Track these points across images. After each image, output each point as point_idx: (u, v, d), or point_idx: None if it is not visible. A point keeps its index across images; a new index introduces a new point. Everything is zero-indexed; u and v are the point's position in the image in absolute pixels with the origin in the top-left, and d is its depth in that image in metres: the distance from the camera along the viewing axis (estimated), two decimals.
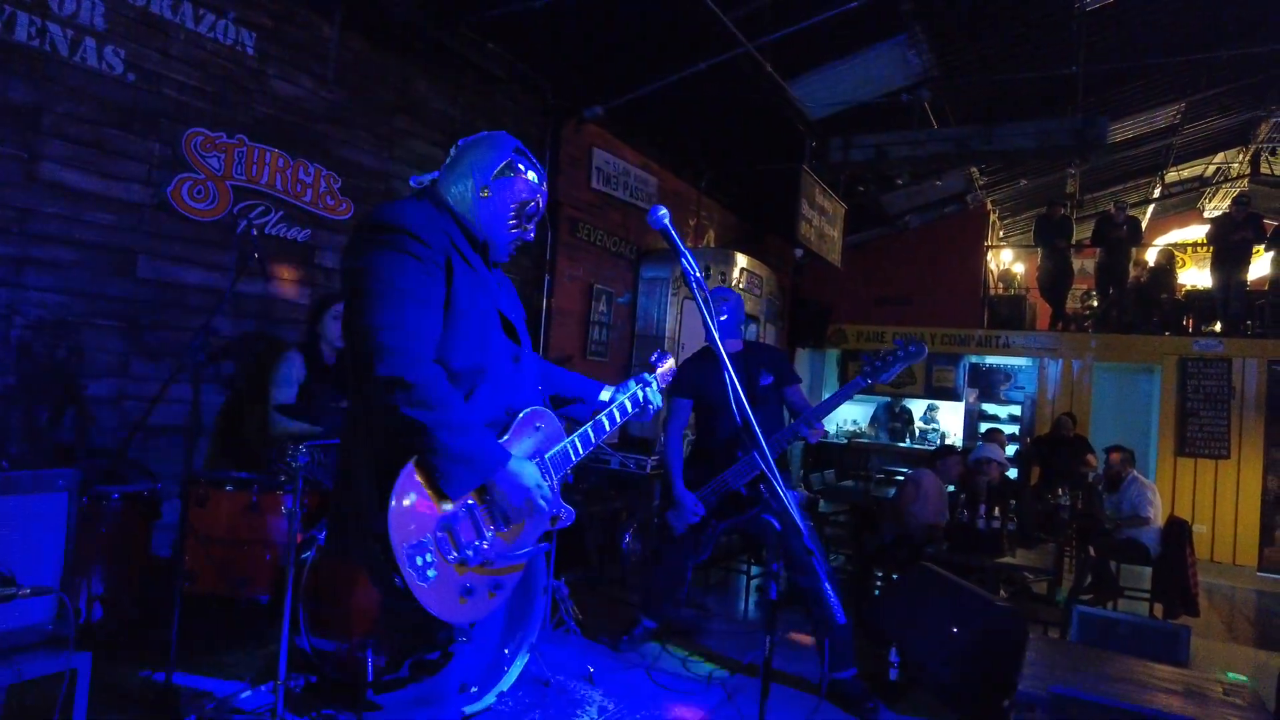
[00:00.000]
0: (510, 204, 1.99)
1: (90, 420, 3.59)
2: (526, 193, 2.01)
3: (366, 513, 1.75)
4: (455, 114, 5.46)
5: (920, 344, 3.45)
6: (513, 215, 2.01)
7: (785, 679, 3.90)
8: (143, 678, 2.96)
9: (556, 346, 6.44)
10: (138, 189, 3.68)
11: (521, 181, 2.00)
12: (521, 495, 1.86)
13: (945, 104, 7.26)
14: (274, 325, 4.32)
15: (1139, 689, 2.75)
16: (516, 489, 1.85)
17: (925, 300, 11.16)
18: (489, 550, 1.87)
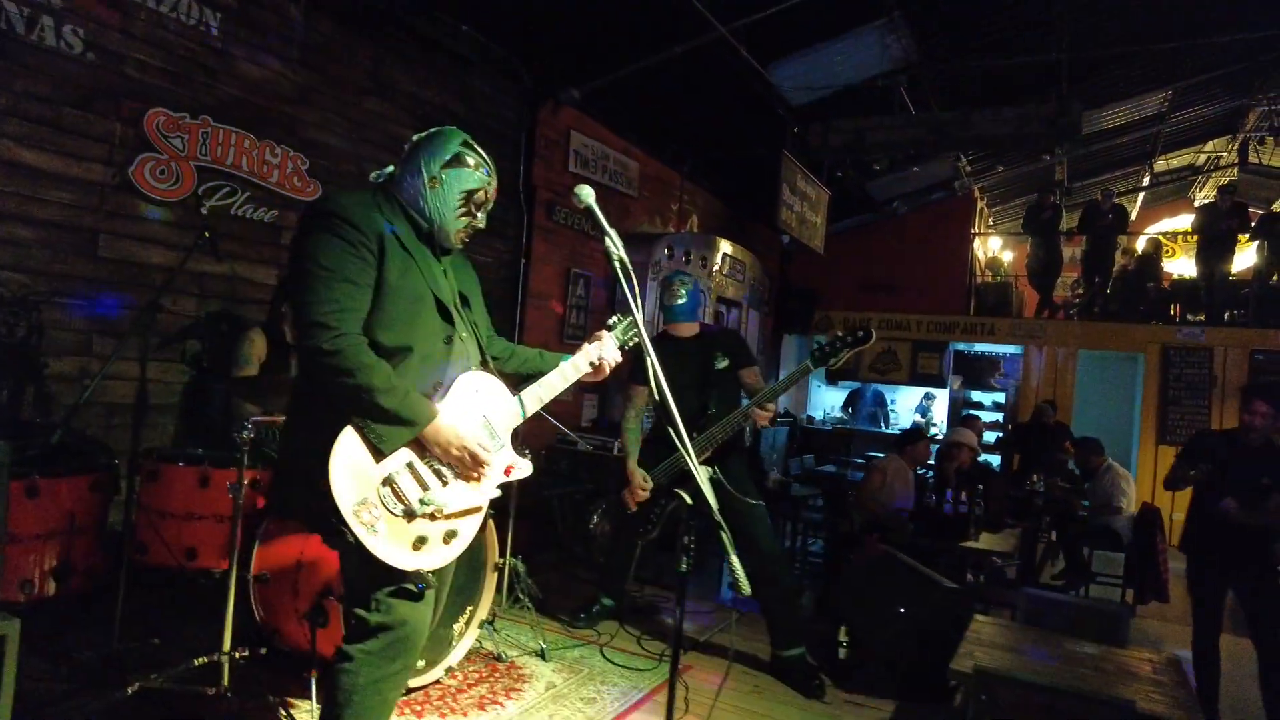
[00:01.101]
0: (458, 193, 2.14)
1: (51, 397, 3.63)
2: (474, 183, 2.16)
3: (312, 477, 1.89)
4: (428, 96, 5.47)
5: (868, 330, 3.48)
6: (461, 204, 2.15)
7: (738, 655, 3.97)
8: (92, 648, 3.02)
9: (533, 329, 6.48)
10: (99, 168, 3.71)
11: (469, 172, 2.15)
12: (454, 447, 2.02)
13: (927, 90, 7.25)
14: (240, 305, 4.36)
15: (1068, 666, 2.81)
16: (450, 442, 2.01)
17: (911, 287, 11.18)
18: (436, 500, 2.01)
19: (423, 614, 2.09)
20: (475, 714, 3.03)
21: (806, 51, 6.49)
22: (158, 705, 2.76)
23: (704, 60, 6.02)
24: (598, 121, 7.03)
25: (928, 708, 3.56)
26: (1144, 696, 2.55)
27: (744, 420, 3.66)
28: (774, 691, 3.60)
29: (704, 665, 3.81)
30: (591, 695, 3.34)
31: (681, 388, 3.90)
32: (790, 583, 3.80)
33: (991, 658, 2.80)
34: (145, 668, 2.87)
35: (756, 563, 3.81)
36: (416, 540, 1.99)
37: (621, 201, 7.54)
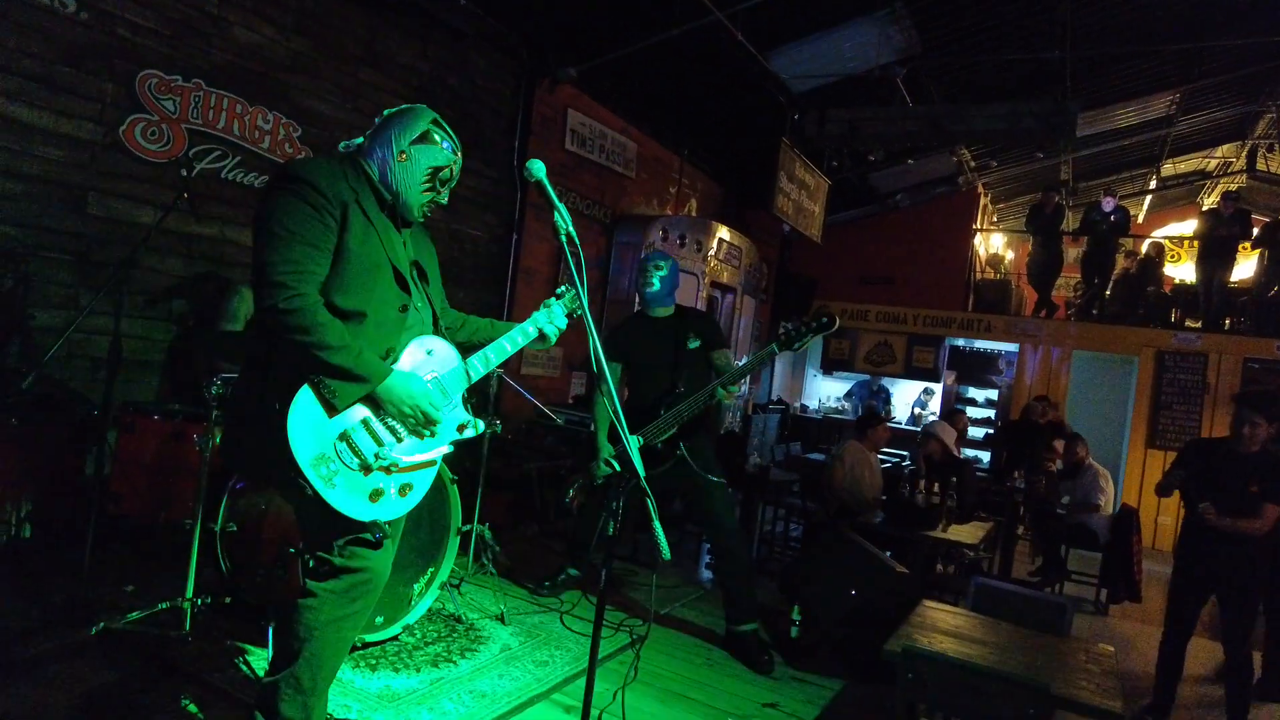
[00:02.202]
0: (425, 169, 2.22)
1: (37, 349, 3.74)
2: (440, 160, 2.24)
3: (269, 432, 1.98)
4: (424, 68, 5.53)
5: (831, 316, 3.53)
6: (426, 180, 2.23)
7: (694, 629, 4.07)
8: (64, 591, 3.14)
9: (523, 305, 6.55)
10: (89, 127, 3.79)
11: (436, 149, 2.23)
12: (407, 404, 2.11)
13: (928, 83, 7.25)
14: (227, 267, 4.45)
15: (1002, 652, 2.89)
16: (401, 399, 2.11)
17: (909, 280, 11.20)
18: (392, 455, 2.12)
19: (383, 560, 2.22)
20: (429, 670, 3.14)
21: (807, 39, 6.51)
22: (121, 645, 2.88)
23: (704, 43, 6.04)
24: (596, 100, 7.07)
25: (874, 688, 3.65)
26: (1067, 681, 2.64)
27: (710, 399, 3.74)
28: (725, 666, 3.69)
29: (661, 636, 3.91)
30: (544, 659, 3.44)
31: (653, 365, 3.99)
32: (747, 560, 3.88)
33: (928, 640, 2.89)
34: (114, 611, 2.99)
35: (714, 537, 3.92)
36: (373, 493, 2.10)
37: (618, 182, 7.58)
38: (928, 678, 2.61)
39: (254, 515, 3.11)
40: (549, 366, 6.91)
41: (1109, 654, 3.06)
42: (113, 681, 2.66)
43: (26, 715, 2.41)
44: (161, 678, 2.72)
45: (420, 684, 3.01)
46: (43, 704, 2.48)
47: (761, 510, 6.34)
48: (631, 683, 3.30)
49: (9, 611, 2.97)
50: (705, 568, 5.49)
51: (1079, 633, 3.77)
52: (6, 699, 2.47)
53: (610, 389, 2.05)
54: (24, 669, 2.65)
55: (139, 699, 2.57)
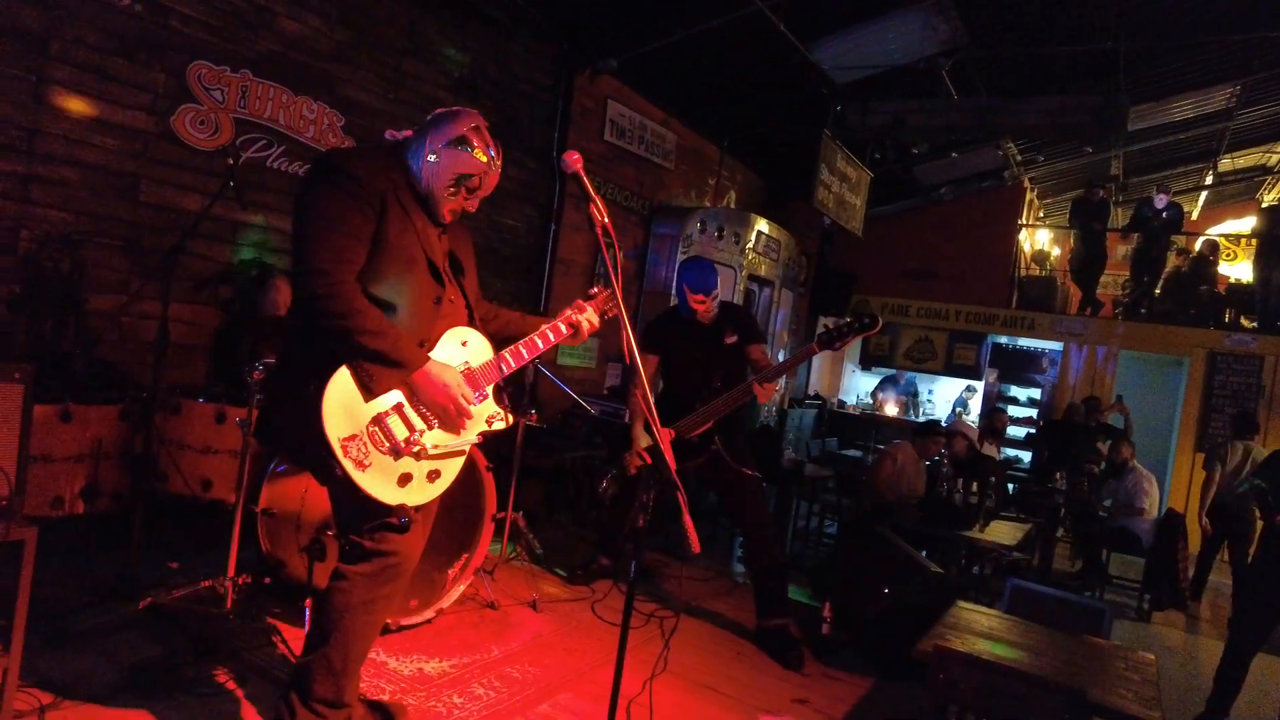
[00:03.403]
0: (450, 173, 2.22)
1: (90, 331, 3.86)
2: (467, 167, 2.23)
3: (305, 412, 2.02)
4: (465, 60, 5.56)
5: (874, 317, 3.49)
6: (451, 184, 2.23)
7: (724, 622, 4.07)
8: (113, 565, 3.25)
9: (559, 296, 6.58)
10: (142, 116, 3.89)
11: (466, 157, 2.22)
12: (442, 394, 2.14)
13: (974, 76, 7.09)
14: (271, 254, 4.54)
15: (1035, 655, 2.84)
16: (436, 388, 2.14)
17: (952, 276, 11.00)
18: (422, 441, 2.16)
19: (413, 545, 2.26)
20: (460, 654, 3.18)
21: (850, 29, 6.41)
22: (166, 620, 2.97)
23: (745, 34, 5.99)
24: (636, 91, 7.05)
25: (905, 687, 3.62)
26: (1105, 688, 2.58)
27: (747, 395, 3.72)
28: (755, 660, 3.69)
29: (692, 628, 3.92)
30: (575, 646, 3.47)
31: (690, 360, 3.98)
32: (780, 555, 3.87)
33: (962, 641, 2.85)
34: (159, 587, 3.09)
35: (747, 531, 3.91)
36: (401, 477, 2.13)
37: (657, 173, 7.57)
38: (960, 679, 2.58)
39: (293, 498, 3.18)
40: (584, 357, 6.94)
41: (1150, 662, 2.99)
42: (158, 655, 2.75)
43: (79, 684, 2.51)
44: (203, 653, 2.80)
45: (452, 668, 3.06)
46: (94, 674, 2.58)
47: (796, 506, 6.31)
48: (660, 674, 3.31)
49: (65, 584, 3.08)
50: (737, 561, 5.48)
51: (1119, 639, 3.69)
52: (62, 668, 2.57)
53: (643, 382, 2.06)
54: (78, 640, 2.76)
55: (183, 672, 2.65)
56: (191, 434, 3.38)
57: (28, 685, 2.40)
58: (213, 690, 2.61)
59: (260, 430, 2.30)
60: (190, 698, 2.54)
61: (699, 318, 3.88)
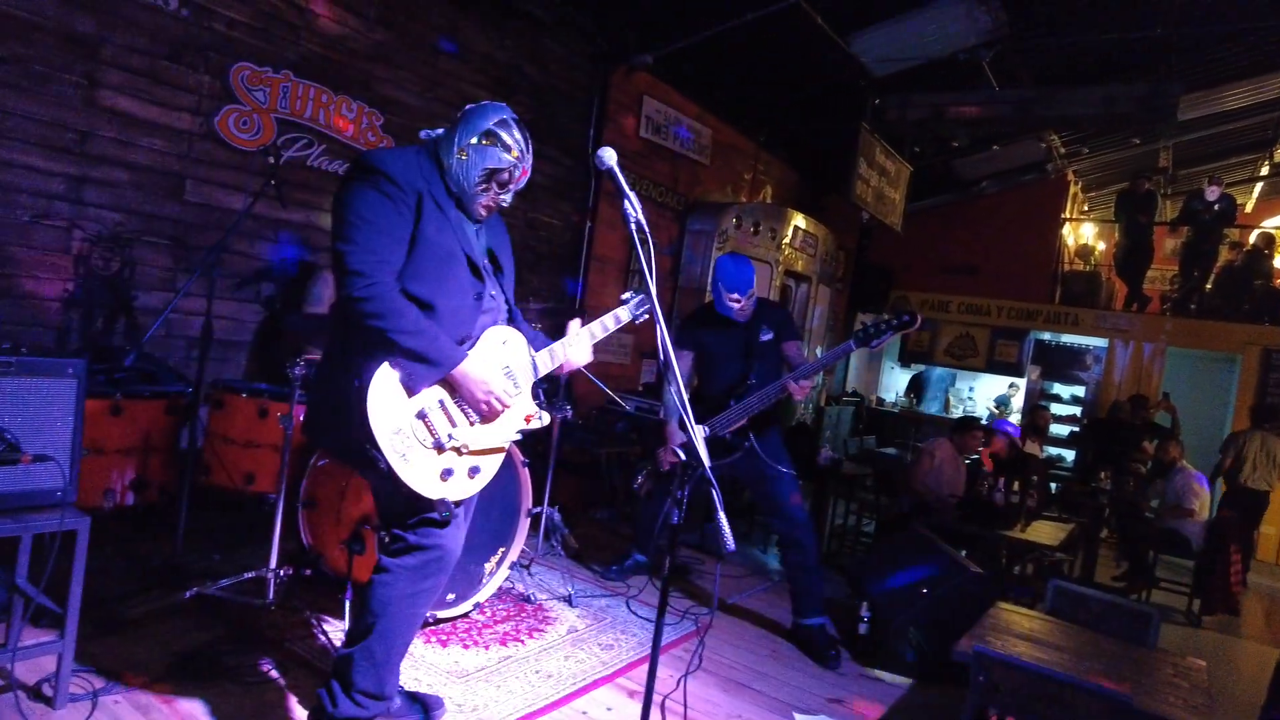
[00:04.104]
0: (480, 168, 2.22)
1: (139, 327, 3.96)
2: (497, 162, 2.22)
3: (349, 408, 2.06)
4: (501, 58, 5.59)
5: (913, 314, 3.44)
6: (481, 179, 2.22)
7: (760, 621, 4.05)
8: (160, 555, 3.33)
9: (595, 292, 6.60)
10: (187, 117, 3.98)
11: (495, 152, 2.22)
12: (482, 392, 2.17)
13: (1016, 66, 6.95)
14: (312, 251, 4.61)
15: (1080, 659, 2.78)
16: (476, 386, 2.17)
17: (993, 271, 10.79)
18: (463, 437, 2.19)
19: (454, 539, 2.30)
20: (496, 648, 3.21)
21: (889, 21, 6.32)
22: (211, 609, 3.04)
23: (782, 27, 5.94)
24: (672, 87, 7.03)
25: (943, 689, 3.57)
26: (1152, 695, 2.52)
27: (782, 393, 3.70)
28: (790, 659, 3.66)
29: (726, 626, 3.91)
30: (610, 642, 3.48)
31: (725, 357, 3.96)
32: (816, 554, 3.84)
33: (1002, 643, 2.80)
34: (204, 577, 3.16)
35: (783, 530, 3.88)
36: (443, 472, 2.17)
37: (692, 169, 7.54)
38: (1001, 682, 2.54)
39: (334, 492, 3.23)
40: (620, 354, 6.95)
41: (1200, 669, 2.90)
42: (203, 643, 2.82)
43: (130, 668, 2.58)
44: (246, 642, 2.87)
45: (489, 661, 3.08)
46: (144, 659, 2.65)
47: (833, 504, 6.25)
48: (695, 671, 3.31)
49: (115, 573, 3.17)
50: (773, 559, 5.45)
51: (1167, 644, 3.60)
52: (114, 653, 2.66)
53: (678, 379, 2.05)
54: (128, 626, 2.85)
55: (227, 660, 2.71)
56: (235, 428, 3.45)
57: (82, 669, 2.48)
58: (256, 679, 2.66)
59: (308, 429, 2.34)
60: (234, 685, 2.60)
61: (735, 315, 3.86)
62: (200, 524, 3.59)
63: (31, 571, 2.39)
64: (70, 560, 2.32)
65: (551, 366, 2.45)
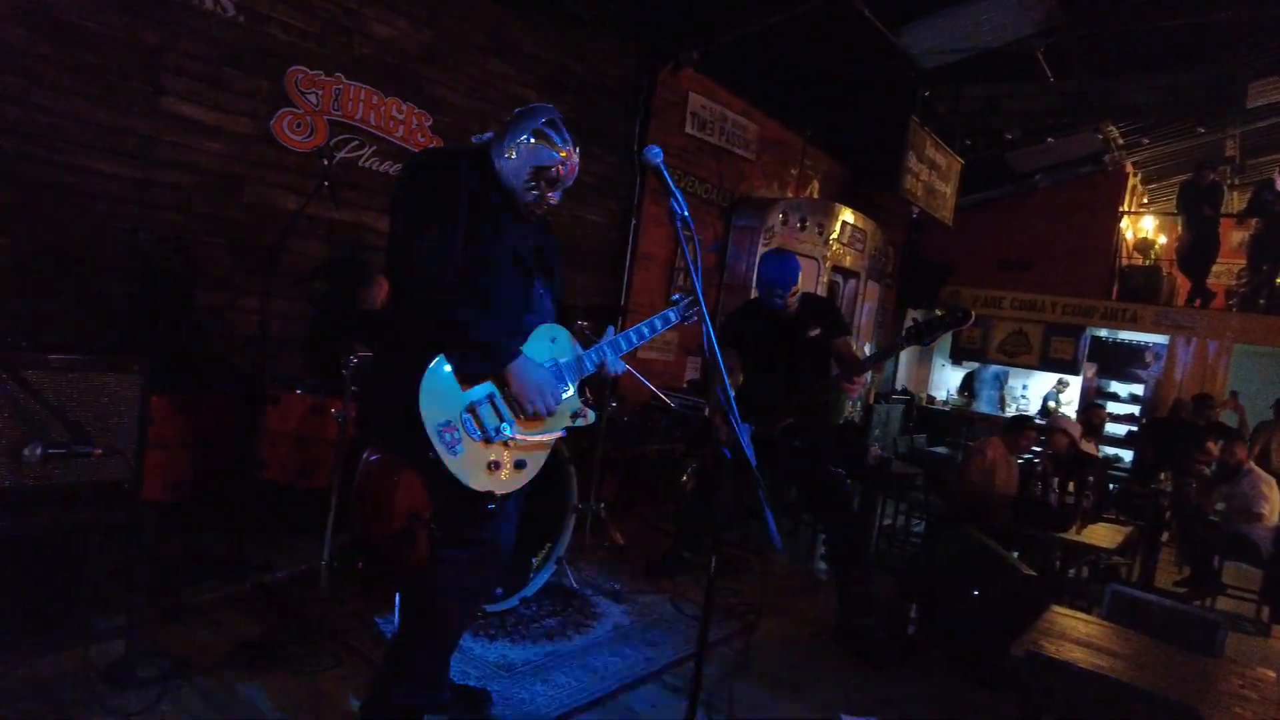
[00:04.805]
0: (528, 167, 2.26)
1: (200, 325, 4.09)
2: (545, 160, 2.27)
3: (403, 400, 2.10)
4: (549, 58, 5.63)
5: (966, 311, 3.38)
6: (529, 178, 2.27)
7: (806, 620, 4.02)
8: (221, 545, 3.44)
9: (639, 290, 6.61)
10: (244, 121, 4.10)
11: (543, 150, 2.26)
12: (531, 387, 2.21)
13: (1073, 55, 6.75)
14: (364, 251, 4.71)
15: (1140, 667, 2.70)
16: (526, 382, 2.20)
17: (1049, 266, 10.52)
18: (511, 431, 2.23)
19: (505, 533, 2.35)
20: (543, 643, 3.25)
21: (939, 13, 6.20)
22: (268, 599, 3.14)
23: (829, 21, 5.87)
24: (717, 83, 7.00)
25: (993, 693, 3.50)
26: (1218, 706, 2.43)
27: (830, 390, 3.67)
28: (837, 658, 3.63)
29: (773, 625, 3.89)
30: (655, 639, 3.49)
31: (771, 353, 3.93)
32: (864, 553, 3.79)
33: (1057, 648, 2.74)
34: (261, 568, 3.26)
35: (830, 529, 3.85)
36: (491, 465, 2.21)
37: (738, 164, 7.50)
38: (1055, 688, 2.48)
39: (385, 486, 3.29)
40: (664, 351, 6.95)
41: (1270, 680, 2.79)
42: (261, 632, 2.91)
43: (194, 655, 2.69)
44: (302, 632, 2.95)
45: (535, 656, 3.12)
46: (207, 647, 2.76)
47: (882, 504, 6.17)
48: (741, 669, 3.30)
49: (177, 563, 3.29)
50: (820, 559, 5.40)
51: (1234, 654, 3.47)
52: (179, 640, 2.76)
53: (724, 375, 2.05)
54: (190, 614, 2.95)
55: (284, 650, 2.79)
56: (290, 423, 3.54)
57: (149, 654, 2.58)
58: (311, 668, 2.73)
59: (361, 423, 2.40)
60: (290, 674, 2.67)
61: (780, 312, 3.83)
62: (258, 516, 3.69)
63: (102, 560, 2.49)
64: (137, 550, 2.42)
65: (598, 365, 2.47)
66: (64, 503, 2.33)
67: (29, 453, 2.24)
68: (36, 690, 2.37)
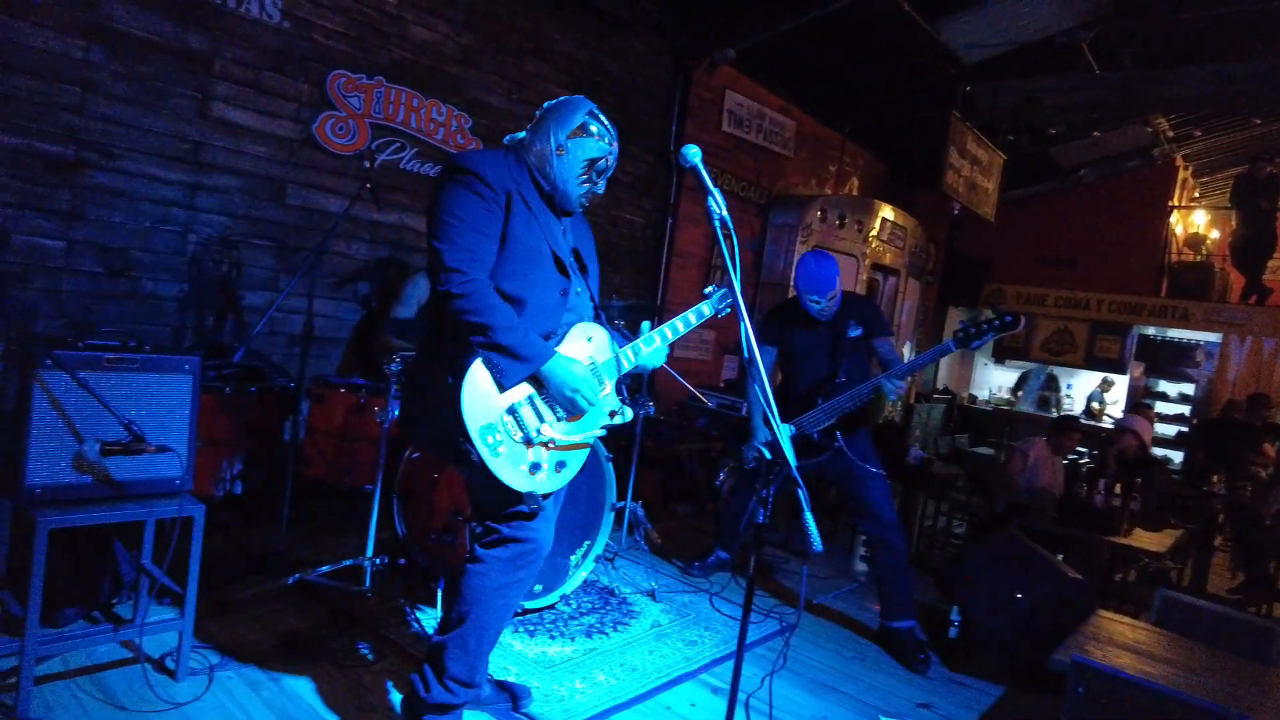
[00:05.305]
0: (582, 161, 2.31)
1: (245, 325, 4.18)
2: (595, 151, 2.32)
3: (443, 403, 2.13)
4: (584, 57, 5.65)
5: (1017, 315, 3.32)
6: (583, 170, 2.32)
7: (846, 622, 3.98)
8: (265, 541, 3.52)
9: (676, 288, 6.61)
10: (289, 125, 4.18)
11: (592, 141, 2.31)
12: (569, 388, 2.22)
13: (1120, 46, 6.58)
14: (406, 252, 4.78)
15: (1191, 675, 2.63)
16: (563, 382, 2.22)
17: (1094, 262, 10.29)
18: (551, 433, 2.25)
19: (545, 533, 2.37)
20: (582, 640, 3.26)
21: (980, 6, 6.09)
22: (312, 595, 3.20)
23: (868, 15, 5.80)
24: (754, 80, 6.97)
25: (1036, 697, 3.44)
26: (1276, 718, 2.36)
27: (873, 393, 3.62)
28: (878, 661, 3.59)
29: (812, 626, 3.86)
30: (693, 639, 3.49)
31: (811, 354, 3.90)
32: (905, 555, 3.75)
33: (1103, 653, 2.68)
34: (306, 564, 3.33)
35: (870, 530, 3.81)
36: (531, 466, 2.23)
37: (775, 162, 7.46)
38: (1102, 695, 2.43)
39: (426, 484, 3.34)
40: (701, 350, 6.94)
41: None
42: (306, 626, 2.97)
43: (241, 647, 2.76)
44: (345, 627, 3.00)
45: (574, 653, 3.14)
46: (253, 639, 2.82)
47: (923, 505, 6.09)
48: (780, 670, 3.29)
49: (225, 557, 3.37)
50: (860, 560, 5.35)
51: None
52: (226, 632, 2.84)
53: (762, 376, 2.04)
54: (238, 608, 3.03)
55: (327, 644, 2.85)
56: (334, 422, 3.60)
57: (199, 645, 2.66)
58: (354, 662, 2.79)
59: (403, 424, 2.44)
60: (334, 667, 2.73)
61: (818, 315, 3.80)
62: (302, 513, 3.77)
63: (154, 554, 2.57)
64: (188, 544, 2.48)
65: (636, 363, 2.48)
66: (119, 498, 2.40)
67: (87, 449, 2.31)
68: (93, 680, 2.46)
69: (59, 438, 2.29)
